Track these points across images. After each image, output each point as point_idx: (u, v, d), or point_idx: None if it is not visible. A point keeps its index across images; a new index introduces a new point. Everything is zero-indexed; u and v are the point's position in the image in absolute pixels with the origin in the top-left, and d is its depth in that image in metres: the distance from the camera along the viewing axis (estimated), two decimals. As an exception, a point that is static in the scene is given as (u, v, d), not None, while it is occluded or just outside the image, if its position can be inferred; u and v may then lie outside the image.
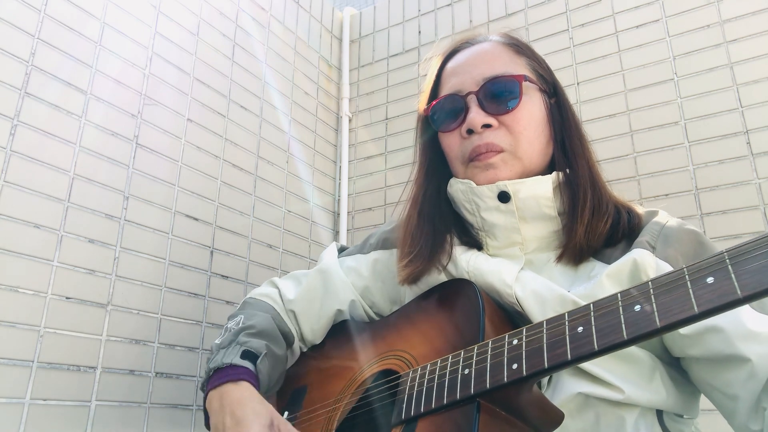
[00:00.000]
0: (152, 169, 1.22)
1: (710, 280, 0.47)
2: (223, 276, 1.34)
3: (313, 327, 0.96)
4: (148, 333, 1.15)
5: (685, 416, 0.73)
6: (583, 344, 0.53)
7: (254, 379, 0.83)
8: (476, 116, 0.79)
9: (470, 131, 0.80)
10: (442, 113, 0.85)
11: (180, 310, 1.22)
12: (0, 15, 1.01)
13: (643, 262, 0.69)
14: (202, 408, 0.87)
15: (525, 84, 0.81)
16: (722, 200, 1.25)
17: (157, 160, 1.24)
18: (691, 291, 0.48)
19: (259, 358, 0.85)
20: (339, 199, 1.81)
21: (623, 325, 0.51)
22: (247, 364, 0.84)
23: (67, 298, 1.03)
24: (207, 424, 0.85)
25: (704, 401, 0.73)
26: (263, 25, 1.64)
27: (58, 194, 1.05)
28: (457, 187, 0.84)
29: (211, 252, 1.33)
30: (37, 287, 0.99)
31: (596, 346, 0.52)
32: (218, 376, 0.83)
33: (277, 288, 1.02)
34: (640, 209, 0.81)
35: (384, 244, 0.96)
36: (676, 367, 0.72)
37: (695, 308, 0.47)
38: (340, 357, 0.89)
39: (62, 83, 1.09)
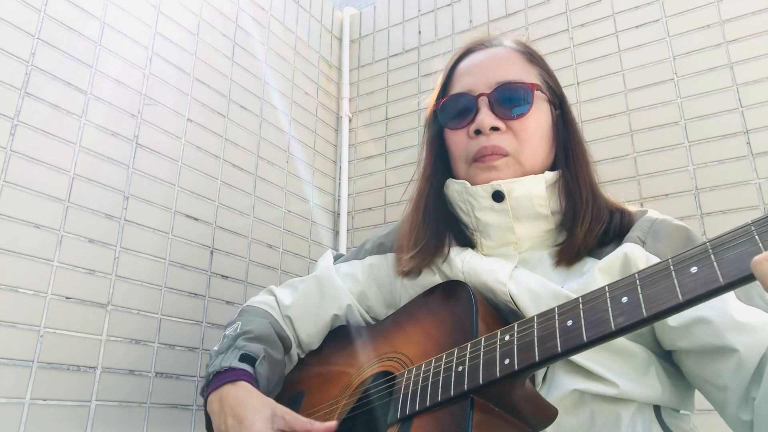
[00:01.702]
0: (152, 169, 1.22)
1: (694, 269, 0.48)
2: (223, 276, 1.34)
3: (309, 332, 0.96)
4: (148, 333, 1.15)
5: (681, 411, 0.73)
6: (572, 337, 0.54)
7: (253, 381, 0.83)
8: (486, 118, 0.81)
9: (478, 132, 0.82)
10: (452, 111, 0.86)
11: (180, 310, 1.22)
12: (0, 15, 1.01)
13: (634, 256, 0.71)
14: (202, 408, 0.87)
15: (536, 93, 0.83)
16: (722, 200, 1.25)
17: (157, 160, 1.24)
18: (675, 281, 0.49)
19: (258, 361, 0.86)
20: (339, 199, 1.81)
21: (611, 317, 0.52)
22: (246, 366, 0.84)
23: (67, 298, 1.03)
24: (209, 428, 0.85)
25: (702, 402, 0.73)
26: (263, 25, 1.64)
27: (58, 194, 1.05)
28: (453, 188, 0.85)
29: (211, 252, 1.33)
30: (37, 287, 0.99)
31: (585, 338, 0.53)
32: (217, 379, 0.83)
33: (274, 295, 1.03)
34: (632, 208, 0.83)
35: (379, 249, 0.97)
36: (670, 360, 0.73)
37: (680, 297, 0.48)
38: (337, 361, 0.90)
39: (62, 83, 1.09)
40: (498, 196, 0.80)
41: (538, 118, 0.83)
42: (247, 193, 1.46)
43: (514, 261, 0.80)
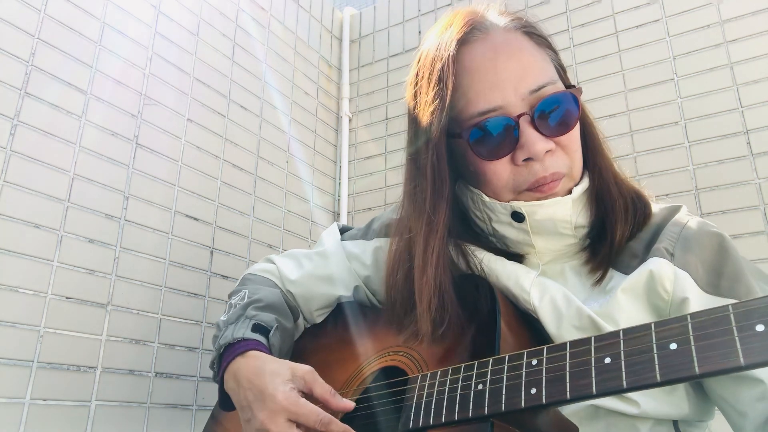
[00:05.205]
0: (152, 169, 1.22)
1: (760, 328, 0.41)
2: (223, 276, 1.34)
3: (311, 310, 0.95)
4: (148, 333, 1.15)
5: (699, 421, 0.71)
6: (610, 378, 0.48)
7: (265, 350, 0.80)
8: (538, 143, 0.69)
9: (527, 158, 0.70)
10: (488, 138, 0.71)
11: (180, 310, 1.22)
12: (0, 15, 1.01)
13: (660, 274, 0.66)
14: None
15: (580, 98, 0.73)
16: (722, 200, 1.25)
17: (157, 160, 1.24)
18: (737, 338, 0.42)
19: (271, 332, 0.83)
20: (339, 199, 1.81)
21: (656, 365, 0.46)
22: (259, 337, 0.81)
23: (67, 298, 1.03)
24: (222, 405, 0.82)
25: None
26: (263, 25, 1.64)
27: (58, 194, 1.05)
28: (466, 193, 0.79)
29: (211, 252, 1.33)
30: (37, 287, 0.99)
31: (625, 384, 0.47)
32: (228, 352, 0.80)
33: (275, 264, 0.99)
34: (661, 204, 0.77)
35: (387, 231, 0.92)
36: None
37: (741, 360, 0.42)
38: (346, 343, 0.87)
39: (62, 83, 1.09)
40: (518, 217, 0.73)
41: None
42: (247, 193, 1.46)
43: (535, 268, 0.75)
